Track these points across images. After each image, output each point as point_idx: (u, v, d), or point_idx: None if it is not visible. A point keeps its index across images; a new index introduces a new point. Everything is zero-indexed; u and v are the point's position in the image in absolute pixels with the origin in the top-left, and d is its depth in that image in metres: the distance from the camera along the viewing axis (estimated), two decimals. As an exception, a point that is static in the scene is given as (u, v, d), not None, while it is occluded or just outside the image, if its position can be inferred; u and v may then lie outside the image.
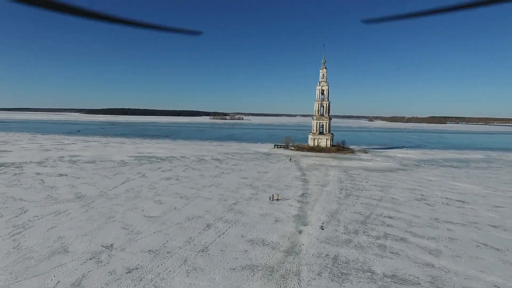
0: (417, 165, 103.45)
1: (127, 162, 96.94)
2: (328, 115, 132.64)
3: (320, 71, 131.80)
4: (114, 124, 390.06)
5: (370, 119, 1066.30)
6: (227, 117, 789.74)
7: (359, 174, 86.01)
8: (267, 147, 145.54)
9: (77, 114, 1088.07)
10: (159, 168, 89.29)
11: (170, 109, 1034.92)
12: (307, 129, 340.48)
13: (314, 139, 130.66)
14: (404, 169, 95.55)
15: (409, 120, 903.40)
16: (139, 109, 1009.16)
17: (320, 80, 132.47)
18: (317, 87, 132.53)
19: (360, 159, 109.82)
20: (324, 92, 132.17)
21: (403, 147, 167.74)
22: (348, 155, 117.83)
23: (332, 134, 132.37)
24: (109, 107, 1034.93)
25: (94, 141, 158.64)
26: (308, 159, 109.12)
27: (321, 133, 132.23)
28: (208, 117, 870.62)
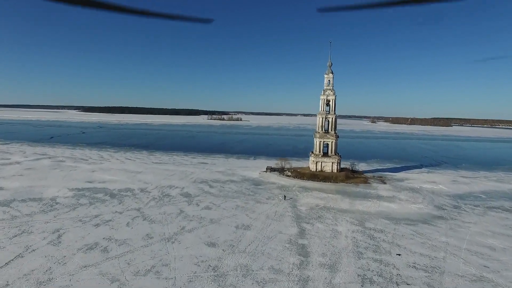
0: (456, 207, 76.28)
1: (58, 203, 70.00)
2: (335, 132, 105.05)
3: (325, 76, 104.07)
4: (100, 127, 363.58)
5: (373, 120, 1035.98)
6: (225, 117, 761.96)
7: (382, 231, 58.98)
8: (259, 167, 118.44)
9: (74, 112, 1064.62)
10: (96, 216, 62.39)
11: (169, 108, 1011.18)
12: (308, 134, 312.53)
13: (317, 162, 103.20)
14: (442, 217, 68.43)
15: (412, 121, 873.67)
16: (137, 107, 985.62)
17: (325, 87, 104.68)
18: (321, 97, 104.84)
19: (378, 196, 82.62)
20: (330, 103, 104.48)
21: (421, 166, 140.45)
22: (361, 187, 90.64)
23: (340, 156, 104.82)
24: (108, 105, 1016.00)
25: (50, 157, 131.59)
26: (309, 196, 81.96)
27: (325, 154, 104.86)
28: (206, 116, 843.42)
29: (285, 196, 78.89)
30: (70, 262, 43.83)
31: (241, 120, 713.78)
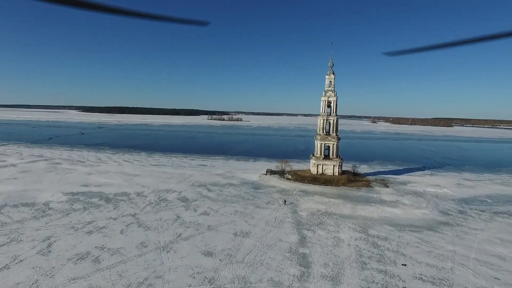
0: (462, 213, 73.99)
1: (50, 208, 67.89)
2: (336, 134, 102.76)
3: (326, 77, 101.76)
4: (100, 128, 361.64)
5: (373, 120, 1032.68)
6: (225, 117, 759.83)
7: (386, 239, 56.73)
8: (258, 170, 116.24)
9: (74, 112, 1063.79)
10: (90, 223, 60.24)
11: (169, 108, 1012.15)
12: (309, 135, 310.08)
13: (318, 165, 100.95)
14: (448, 223, 66.14)
15: (413, 122, 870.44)
16: (137, 107, 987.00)
17: (326, 88, 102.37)
18: (322, 98, 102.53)
19: (381, 201, 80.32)
20: (331, 104, 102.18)
21: (424, 168, 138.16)
22: (363, 191, 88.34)
23: (341, 159, 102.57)
24: (108, 105, 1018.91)
25: (47, 159, 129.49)
26: (310, 201, 79.69)
27: (326, 156, 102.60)
28: (206, 116, 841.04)
29: (285, 201, 76.63)
30: (58, 274, 41.65)
31: (241, 120, 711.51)
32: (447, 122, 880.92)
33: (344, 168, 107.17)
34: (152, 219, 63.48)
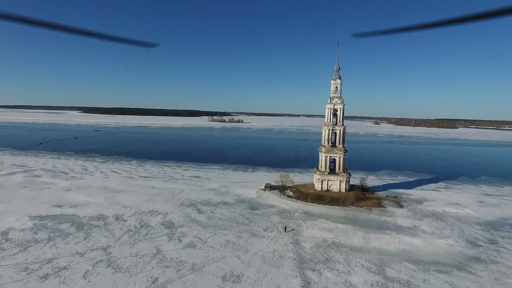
0: (493, 242, 63.14)
1: (9, 239, 57.77)
2: (343, 146, 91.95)
3: (332, 82, 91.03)
4: (96, 131, 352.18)
5: (376, 121, 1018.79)
6: (225, 118, 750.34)
7: (409, 285, 46.04)
8: (256, 183, 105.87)
9: (75, 113, 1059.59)
10: (49, 261, 49.90)
11: (170, 109, 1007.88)
12: (311, 138, 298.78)
13: (322, 180, 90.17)
14: (480, 259, 55.35)
15: (417, 123, 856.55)
16: (138, 108, 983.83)
17: (332, 95, 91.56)
18: (327, 106, 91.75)
19: (397, 227, 69.46)
20: (337, 112, 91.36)
21: (437, 180, 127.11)
22: (375, 212, 77.53)
23: (349, 173, 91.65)
24: (109, 106, 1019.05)
25: (27, 170, 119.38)
26: (314, 226, 68.89)
27: (332, 171, 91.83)
28: (207, 117, 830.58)
29: (285, 228, 65.98)
30: None
31: (242, 122, 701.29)
32: (451, 123, 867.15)
33: (351, 181, 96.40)
34: (126, 254, 53.10)
